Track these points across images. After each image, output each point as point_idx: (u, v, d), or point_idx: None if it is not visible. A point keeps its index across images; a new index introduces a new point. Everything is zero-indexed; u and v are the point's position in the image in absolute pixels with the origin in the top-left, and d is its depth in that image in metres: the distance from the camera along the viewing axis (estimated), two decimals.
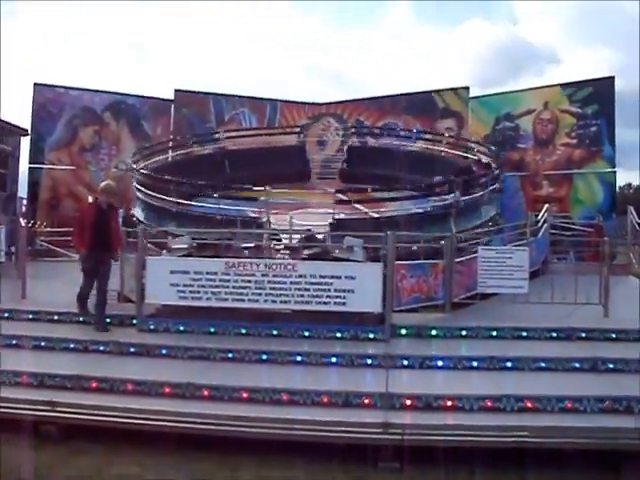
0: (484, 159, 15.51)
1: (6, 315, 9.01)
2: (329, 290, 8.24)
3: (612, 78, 17.54)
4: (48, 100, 19.25)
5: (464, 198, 13.17)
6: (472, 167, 15.44)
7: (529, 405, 6.52)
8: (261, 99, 21.08)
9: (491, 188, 13.89)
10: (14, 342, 8.12)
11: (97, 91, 19.95)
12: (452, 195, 12.48)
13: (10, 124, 18.49)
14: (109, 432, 6.33)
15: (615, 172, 17.58)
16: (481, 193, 13.44)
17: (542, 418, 6.36)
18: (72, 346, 8.08)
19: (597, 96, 17.56)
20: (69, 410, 6.48)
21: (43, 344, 8.11)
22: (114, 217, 9.31)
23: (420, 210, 12.65)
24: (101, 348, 8.02)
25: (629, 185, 46.70)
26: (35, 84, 19.08)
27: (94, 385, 6.94)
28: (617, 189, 19.84)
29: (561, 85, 18.36)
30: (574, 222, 16.41)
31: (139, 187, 14.12)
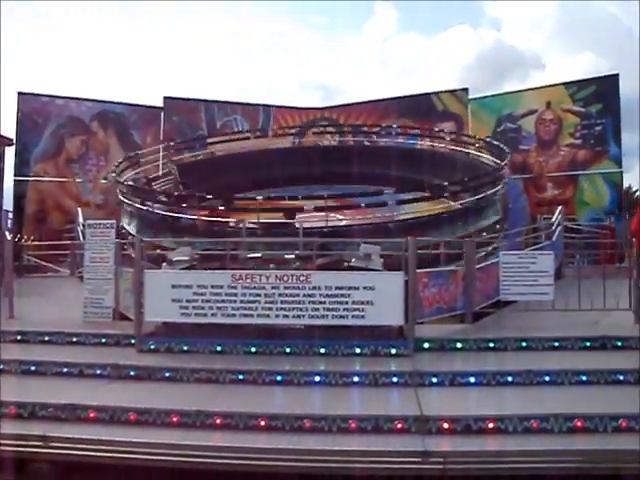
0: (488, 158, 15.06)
1: None
2: (346, 303, 7.56)
3: (616, 76, 17.05)
4: (33, 110, 18.54)
5: (470, 199, 12.70)
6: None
7: (579, 425, 5.81)
8: (254, 105, 20.58)
9: (496, 189, 13.41)
10: (0, 367, 7.41)
11: (84, 99, 19.33)
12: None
13: None
14: (110, 469, 5.63)
15: (622, 172, 17.19)
16: (489, 193, 12.95)
17: (597, 440, 5.66)
18: (65, 370, 7.38)
19: (601, 94, 17.16)
20: (64, 445, 5.75)
21: (33, 369, 7.42)
22: None
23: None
24: (98, 372, 7.31)
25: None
26: (19, 93, 18.32)
27: (92, 415, 6.18)
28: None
29: (564, 84, 17.92)
30: (580, 224, 15.93)
31: (126, 198, 13.52)
